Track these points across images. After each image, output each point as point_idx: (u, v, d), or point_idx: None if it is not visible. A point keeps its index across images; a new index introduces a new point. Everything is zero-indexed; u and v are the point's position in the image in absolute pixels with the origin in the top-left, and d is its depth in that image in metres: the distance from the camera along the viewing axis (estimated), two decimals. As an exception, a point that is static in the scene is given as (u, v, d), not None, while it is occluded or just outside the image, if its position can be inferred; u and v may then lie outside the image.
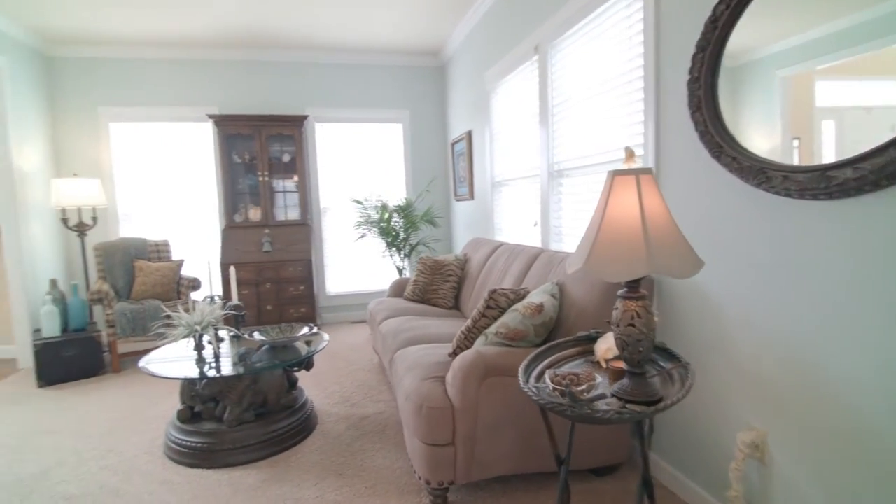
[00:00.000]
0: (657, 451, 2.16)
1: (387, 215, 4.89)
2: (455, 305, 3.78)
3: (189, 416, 2.63)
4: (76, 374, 3.79)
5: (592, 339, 1.79)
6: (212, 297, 2.89)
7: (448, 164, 5.61)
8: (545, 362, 1.65)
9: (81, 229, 4.33)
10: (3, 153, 3.99)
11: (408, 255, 5.06)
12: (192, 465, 2.43)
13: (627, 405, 1.25)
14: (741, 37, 1.57)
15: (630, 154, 1.32)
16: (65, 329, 3.92)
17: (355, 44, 4.97)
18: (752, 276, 1.62)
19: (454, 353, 2.28)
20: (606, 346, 1.64)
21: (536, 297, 2.16)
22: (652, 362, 1.58)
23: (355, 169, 5.46)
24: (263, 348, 2.80)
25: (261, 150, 4.88)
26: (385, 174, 5.54)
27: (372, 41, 4.91)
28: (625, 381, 1.35)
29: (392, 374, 2.64)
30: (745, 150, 1.57)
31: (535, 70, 3.23)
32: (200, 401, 2.62)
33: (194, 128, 5.00)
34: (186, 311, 2.66)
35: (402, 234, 4.96)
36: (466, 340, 2.25)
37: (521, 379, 1.43)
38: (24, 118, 4.27)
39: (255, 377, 2.61)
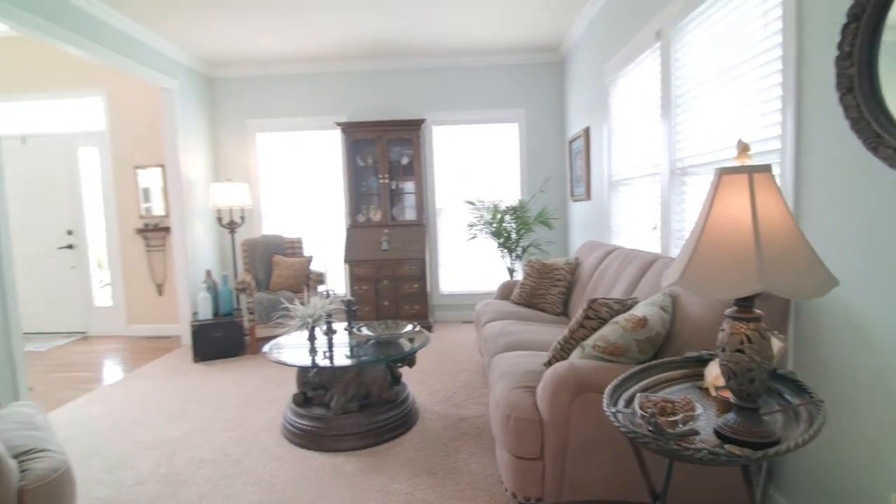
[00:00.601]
0: (788, 494, 1.83)
1: (499, 216, 4.85)
2: (563, 312, 3.61)
3: (303, 400, 2.85)
4: (222, 352, 4.35)
5: (703, 362, 1.57)
6: (326, 293, 3.11)
7: (565, 163, 5.39)
8: (641, 384, 1.48)
9: (232, 227, 4.96)
10: (174, 163, 4.74)
11: (519, 257, 4.97)
12: (302, 446, 2.63)
13: (727, 444, 1.06)
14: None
15: (743, 149, 1.12)
16: (215, 313, 4.52)
17: (472, 45, 5.00)
18: (922, 299, 1.28)
19: (549, 364, 2.16)
20: (718, 371, 1.42)
21: (642, 309, 1.96)
22: (776, 395, 1.34)
23: (470, 170, 5.51)
24: (370, 343, 2.94)
25: (381, 154, 5.15)
26: (500, 175, 5.51)
27: (489, 41, 4.90)
28: (730, 415, 1.15)
29: (489, 379, 2.60)
30: (915, 139, 1.25)
31: (656, 58, 2.95)
32: (311, 387, 2.83)
33: (325, 135, 5.45)
34: (303, 303, 2.89)
35: (513, 236, 4.88)
36: (562, 351, 2.12)
37: (605, 400, 1.29)
38: (191, 132, 5.02)
39: (360, 370, 2.75)
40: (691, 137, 2.63)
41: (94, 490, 2.27)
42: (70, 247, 5.28)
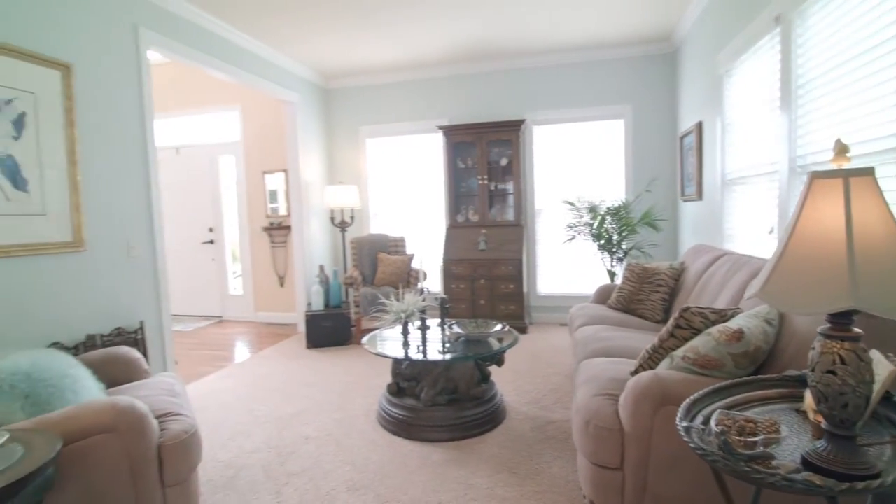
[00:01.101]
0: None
1: (599, 217, 4.70)
2: (663, 319, 3.41)
3: (396, 390, 3.03)
4: (331, 341, 4.74)
5: (805, 382, 1.43)
6: (421, 290, 3.27)
7: (675, 160, 5.06)
8: (726, 400, 1.39)
9: (343, 226, 5.37)
10: (295, 167, 5.26)
11: (621, 260, 4.77)
12: (393, 433, 2.81)
13: (806, 472, 0.97)
14: None
15: (841, 150, 1.01)
16: (326, 305, 4.94)
17: (576, 41, 4.88)
18: None
19: (636, 373, 2.09)
20: (819, 392, 1.29)
21: (740, 320, 1.82)
22: (888, 424, 1.18)
23: (571, 170, 5.39)
24: (460, 340, 3.04)
25: (481, 156, 5.24)
26: (602, 174, 5.32)
27: (594, 35, 4.75)
28: (821, 442, 1.05)
29: (574, 384, 2.56)
30: None
31: (775, 45, 2.67)
32: (404, 379, 3.00)
33: (427, 139, 5.68)
34: (398, 299, 3.07)
35: (615, 238, 4.70)
36: (650, 360, 2.03)
37: (679, 413, 1.24)
38: (309, 139, 5.52)
39: (449, 365, 2.86)
40: (815, 132, 2.35)
41: (219, 453, 2.64)
42: (211, 242, 6.09)
